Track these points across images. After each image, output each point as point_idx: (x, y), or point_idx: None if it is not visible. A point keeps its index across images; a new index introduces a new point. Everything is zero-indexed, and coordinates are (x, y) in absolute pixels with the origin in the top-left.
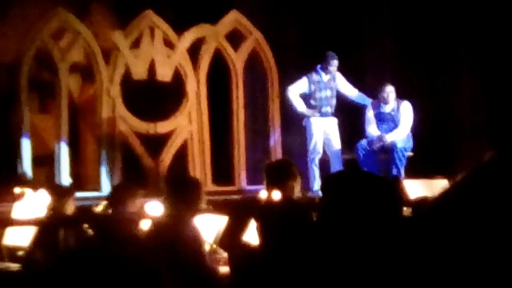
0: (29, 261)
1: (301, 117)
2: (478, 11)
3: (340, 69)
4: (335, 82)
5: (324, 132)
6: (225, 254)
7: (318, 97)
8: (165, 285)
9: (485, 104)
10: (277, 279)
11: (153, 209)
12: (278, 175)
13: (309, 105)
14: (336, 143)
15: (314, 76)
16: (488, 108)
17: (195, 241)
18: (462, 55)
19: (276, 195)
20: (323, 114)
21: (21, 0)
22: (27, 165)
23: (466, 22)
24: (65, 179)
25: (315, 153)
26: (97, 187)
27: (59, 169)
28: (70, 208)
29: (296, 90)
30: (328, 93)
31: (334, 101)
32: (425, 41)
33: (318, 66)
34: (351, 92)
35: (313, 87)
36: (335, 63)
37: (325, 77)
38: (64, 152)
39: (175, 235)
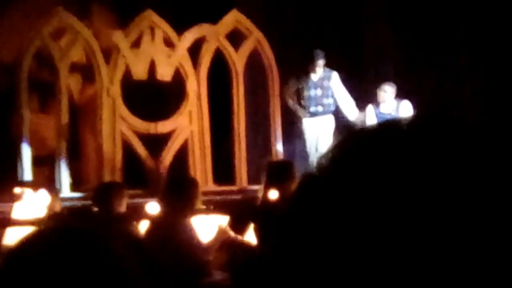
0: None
1: (299, 118)
2: (480, 8)
3: (340, 67)
4: (329, 81)
5: (316, 132)
6: (238, 237)
7: (306, 96)
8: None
9: (487, 104)
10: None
11: (153, 209)
12: (278, 175)
13: (300, 105)
14: (325, 143)
15: (302, 75)
16: (490, 108)
17: (191, 240)
18: (464, 54)
19: (273, 194)
20: (312, 114)
21: (21, 0)
22: (27, 165)
23: (467, 21)
24: (65, 179)
25: (313, 154)
26: None
27: (59, 169)
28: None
29: (287, 91)
30: (318, 92)
31: (326, 101)
32: (426, 40)
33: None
34: (340, 97)
35: (300, 85)
36: (320, 63)
37: (314, 76)
38: (64, 152)
39: (171, 234)
